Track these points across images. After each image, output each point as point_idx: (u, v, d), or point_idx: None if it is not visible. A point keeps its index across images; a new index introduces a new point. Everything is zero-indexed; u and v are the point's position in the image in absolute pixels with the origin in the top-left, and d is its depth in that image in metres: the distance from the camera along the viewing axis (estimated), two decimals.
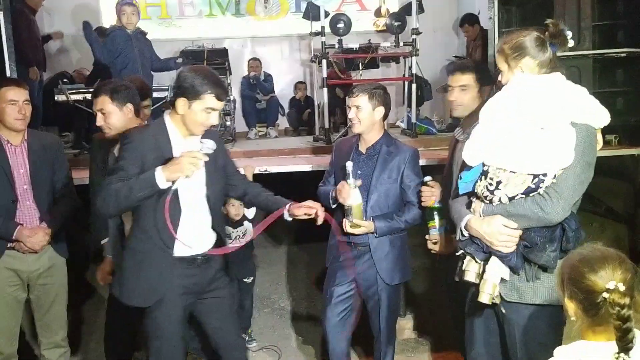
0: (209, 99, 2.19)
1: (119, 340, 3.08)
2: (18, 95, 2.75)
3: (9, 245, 2.79)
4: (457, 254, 2.13)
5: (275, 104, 7.22)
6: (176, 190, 2.18)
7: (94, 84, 5.83)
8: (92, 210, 3.07)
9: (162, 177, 2.09)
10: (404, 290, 3.70)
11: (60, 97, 4.79)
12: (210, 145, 2.18)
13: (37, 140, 2.90)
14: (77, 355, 3.58)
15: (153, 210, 2.21)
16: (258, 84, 7.18)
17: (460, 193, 2.10)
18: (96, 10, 7.40)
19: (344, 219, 2.71)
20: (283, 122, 7.55)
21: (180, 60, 5.15)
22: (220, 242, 2.42)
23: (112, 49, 4.65)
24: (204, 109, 2.20)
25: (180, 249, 2.28)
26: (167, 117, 2.29)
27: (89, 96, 4.85)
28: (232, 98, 6.98)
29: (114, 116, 2.64)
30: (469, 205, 2.10)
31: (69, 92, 4.91)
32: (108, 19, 7.14)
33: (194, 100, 2.18)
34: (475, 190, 2.04)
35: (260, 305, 4.18)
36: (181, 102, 2.20)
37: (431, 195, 2.68)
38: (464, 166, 2.11)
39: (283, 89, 7.60)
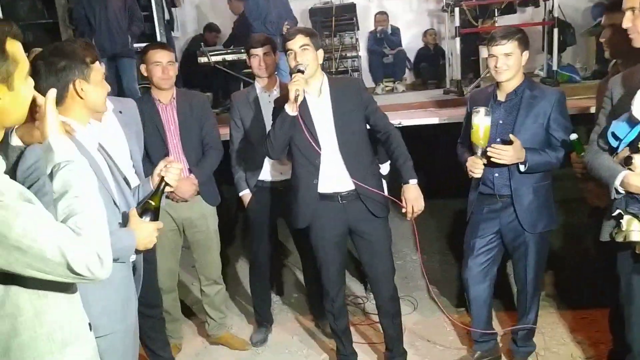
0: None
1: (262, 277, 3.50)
2: (162, 57, 2.97)
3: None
4: (614, 214, 2.02)
5: (402, 58, 7.11)
6: (313, 129, 2.59)
7: (231, 45, 6.19)
8: (232, 164, 3.30)
9: (288, 108, 2.49)
10: None
11: (202, 59, 5.10)
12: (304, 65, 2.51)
13: (185, 98, 3.13)
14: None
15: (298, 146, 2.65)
16: (385, 38, 7.09)
17: (619, 152, 2.00)
18: None
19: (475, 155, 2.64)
20: (410, 77, 7.44)
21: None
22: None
23: (253, 7, 4.86)
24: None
25: (323, 185, 2.66)
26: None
27: (228, 57, 5.14)
28: (359, 54, 7.00)
29: None
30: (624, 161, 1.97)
31: (210, 54, 5.21)
32: None
33: None
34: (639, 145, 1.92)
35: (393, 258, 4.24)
36: None
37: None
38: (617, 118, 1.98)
39: (410, 42, 7.44)
